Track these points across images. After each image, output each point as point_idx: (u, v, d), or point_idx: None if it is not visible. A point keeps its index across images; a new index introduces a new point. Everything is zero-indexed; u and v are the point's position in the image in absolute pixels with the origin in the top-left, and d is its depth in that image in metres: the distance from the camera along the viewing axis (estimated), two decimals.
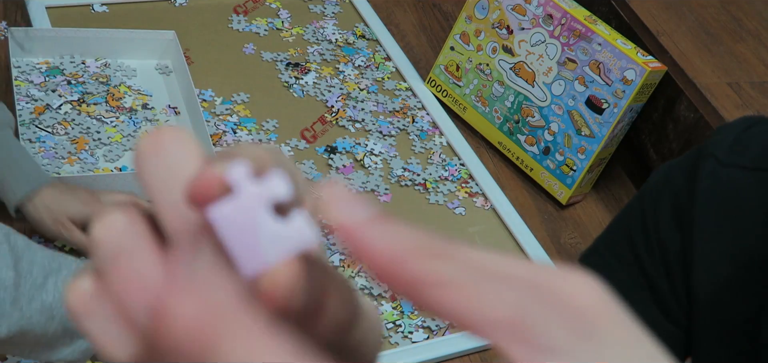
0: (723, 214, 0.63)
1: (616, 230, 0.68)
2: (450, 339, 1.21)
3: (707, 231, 0.63)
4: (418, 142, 1.51)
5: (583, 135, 1.44)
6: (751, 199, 0.62)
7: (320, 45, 1.66)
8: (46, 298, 0.90)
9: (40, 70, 1.44)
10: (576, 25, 1.44)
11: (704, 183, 0.63)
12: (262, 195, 0.24)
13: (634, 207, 0.67)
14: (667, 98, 1.48)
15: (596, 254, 0.68)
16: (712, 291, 0.62)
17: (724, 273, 0.62)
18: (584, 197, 1.51)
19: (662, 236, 0.64)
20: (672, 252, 0.63)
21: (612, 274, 0.65)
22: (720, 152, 0.64)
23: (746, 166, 0.63)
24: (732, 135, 0.65)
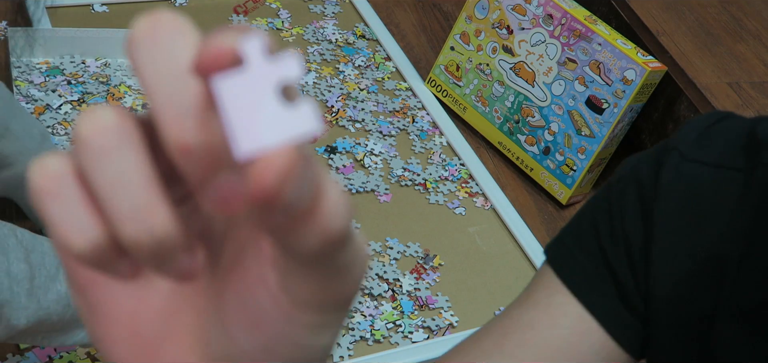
0: (683, 209, 0.62)
1: (582, 220, 0.68)
2: (450, 339, 1.21)
3: (667, 226, 0.63)
4: (418, 142, 1.51)
5: (583, 135, 1.45)
6: (712, 196, 0.61)
7: (320, 45, 1.66)
8: (61, 288, 0.92)
9: (40, 70, 1.45)
10: (576, 25, 1.44)
11: (666, 176, 0.63)
12: (273, 73, 0.23)
13: (600, 198, 0.67)
14: (667, 98, 1.48)
15: (562, 245, 0.67)
16: (669, 286, 0.62)
17: (682, 269, 0.62)
18: (584, 197, 1.51)
19: (627, 228, 0.64)
20: (636, 245, 0.63)
21: (577, 266, 0.65)
22: (684, 146, 0.64)
23: (709, 162, 0.62)
24: (698, 129, 0.64)
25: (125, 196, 0.25)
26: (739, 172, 0.61)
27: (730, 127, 0.64)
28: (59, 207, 0.25)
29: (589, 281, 0.64)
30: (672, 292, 0.62)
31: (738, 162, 0.61)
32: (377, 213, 1.37)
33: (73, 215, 0.25)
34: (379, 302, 1.24)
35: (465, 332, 1.23)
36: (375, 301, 1.24)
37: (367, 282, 1.26)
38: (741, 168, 0.61)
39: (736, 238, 0.60)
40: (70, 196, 0.25)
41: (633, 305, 0.63)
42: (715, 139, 0.64)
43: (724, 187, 0.61)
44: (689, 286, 0.61)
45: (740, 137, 0.62)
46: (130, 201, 0.25)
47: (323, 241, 0.25)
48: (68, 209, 0.25)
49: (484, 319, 1.25)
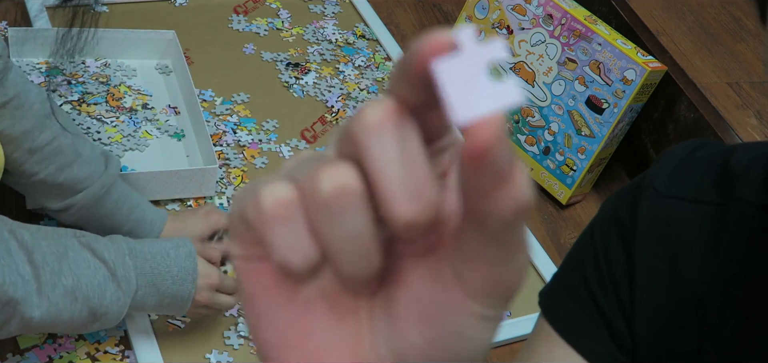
0: (661, 249, 0.62)
1: (570, 268, 0.67)
2: None
3: (646, 267, 0.62)
4: None
5: (583, 135, 1.44)
6: (690, 232, 0.61)
7: (320, 45, 1.66)
8: (67, 282, 0.94)
9: (40, 70, 1.44)
10: (576, 25, 1.44)
11: (643, 216, 0.62)
12: (484, 54, 0.27)
13: (585, 243, 0.66)
14: (667, 98, 1.48)
15: (554, 296, 0.67)
16: (653, 328, 0.62)
17: (663, 311, 0.61)
18: (584, 197, 1.51)
19: (614, 274, 0.63)
20: (623, 289, 0.63)
21: (572, 318, 0.65)
22: (659, 182, 0.63)
23: (684, 196, 0.62)
24: (673, 163, 0.64)
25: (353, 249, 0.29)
26: (713, 206, 0.60)
27: (705, 156, 0.64)
28: (285, 230, 0.29)
29: (585, 331, 0.65)
30: (656, 334, 0.62)
31: (711, 196, 0.61)
32: None
33: (296, 239, 0.29)
34: None
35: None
36: None
37: None
38: (715, 202, 0.61)
39: (713, 278, 0.59)
40: (296, 222, 0.29)
41: (627, 348, 0.64)
42: (690, 172, 0.63)
43: (699, 222, 0.61)
44: (672, 327, 0.61)
45: (714, 168, 0.62)
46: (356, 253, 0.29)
47: (515, 206, 0.27)
48: (293, 233, 0.29)
49: None
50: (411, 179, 0.28)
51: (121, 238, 1.01)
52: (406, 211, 0.28)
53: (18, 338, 1.09)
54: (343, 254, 0.29)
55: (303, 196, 0.29)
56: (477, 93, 0.27)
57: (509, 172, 0.27)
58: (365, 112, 0.28)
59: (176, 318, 1.15)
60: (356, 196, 0.28)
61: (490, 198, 0.27)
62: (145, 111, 1.42)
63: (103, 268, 0.97)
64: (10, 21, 1.54)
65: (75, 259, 0.95)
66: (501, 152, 0.27)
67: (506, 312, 0.32)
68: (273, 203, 0.29)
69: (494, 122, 0.26)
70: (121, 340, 1.11)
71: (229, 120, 1.46)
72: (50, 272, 0.93)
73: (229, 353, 1.13)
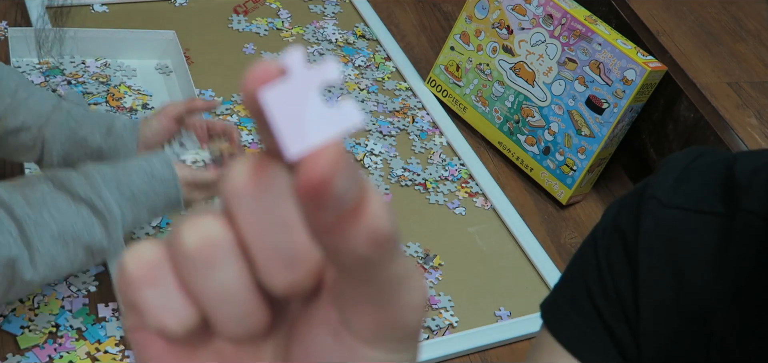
0: (665, 261, 0.61)
1: (572, 279, 0.67)
2: (450, 339, 1.21)
3: (651, 279, 0.61)
4: (418, 142, 1.51)
5: (583, 135, 1.44)
6: (695, 243, 0.60)
7: (320, 45, 1.66)
8: (52, 229, 0.95)
9: (40, 70, 1.44)
10: (576, 25, 1.44)
11: (646, 226, 0.62)
12: (314, 77, 0.25)
13: (587, 253, 0.66)
14: (667, 98, 1.48)
15: (557, 308, 0.67)
16: (659, 344, 0.61)
17: (669, 325, 0.61)
18: (584, 197, 1.51)
19: (618, 286, 0.63)
20: (628, 301, 0.63)
21: (576, 330, 0.65)
22: (661, 192, 0.62)
23: (687, 206, 0.61)
24: (674, 172, 0.63)
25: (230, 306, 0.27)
26: (717, 217, 0.60)
27: (707, 165, 0.63)
28: (154, 293, 0.27)
29: (588, 342, 0.64)
30: (662, 348, 0.61)
31: (716, 206, 0.60)
32: None
33: (167, 300, 0.27)
34: None
35: (465, 332, 1.23)
36: None
37: None
38: (719, 212, 0.60)
39: (720, 291, 0.59)
40: (164, 283, 0.27)
41: (632, 359, 0.63)
42: (692, 180, 0.62)
43: (703, 233, 0.60)
44: (678, 341, 0.61)
45: (717, 177, 0.61)
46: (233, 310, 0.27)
47: (371, 241, 0.25)
48: (163, 295, 0.27)
49: (483, 320, 1.25)
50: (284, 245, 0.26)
51: (94, 169, 1.00)
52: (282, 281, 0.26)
53: (18, 338, 1.09)
54: (219, 312, 0.27)
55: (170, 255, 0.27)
56: (310, 120, 0.24)
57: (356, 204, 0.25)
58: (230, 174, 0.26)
59: None
60: (224, 248, 0.27)
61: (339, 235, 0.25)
62: (145, 111, 1.42)
63: (84, 206, 0.97)
64: (10, 21, 1.54)
65: (54, 204, 0.95)
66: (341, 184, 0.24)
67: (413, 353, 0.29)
68: (136, 265, 0.27)
69: (329, 151, 0.24)
70: (121, 340, 1.11)
71: (229, 120, 1.46)
72: (34, 224, 0.93)
73: None
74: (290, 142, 0.24)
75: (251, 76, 0.25)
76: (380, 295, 0.27)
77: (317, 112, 0.25)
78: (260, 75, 0.25)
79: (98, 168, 1.01)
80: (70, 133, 1.11)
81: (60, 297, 1.14)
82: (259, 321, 0.28)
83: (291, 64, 0.25)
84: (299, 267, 0.27)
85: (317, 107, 0.25)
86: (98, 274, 1.18)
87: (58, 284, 1.15)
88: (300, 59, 0.25)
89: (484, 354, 1.21)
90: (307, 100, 0.25)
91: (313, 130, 0.24)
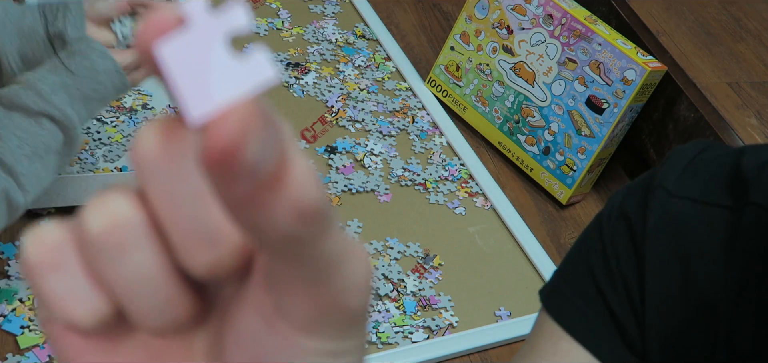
0: (672, 251, 0.61)
1: (576, 264, 0.66)
2: (450, 339, 1.21)
3: (657, 270, 0.61)
4: (418, 142, 1.51)
5: (583, 135, 1.45)
6: (700, 235, 0.60)
7: (320, 45, 1.66)
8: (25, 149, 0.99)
9: None
10: (576, 25, 1.44)
11: (653, 217, 0.61)
12: (218, 26, 0.21)
13: (592, 238, 0.65)
14: (667, 98, 1.48)
15: (559, 293, 0.66)
16: (664, 335, 0.61)
17: (675, 316, 0.61)
18: (584, 197, 1.51)
19: (624, 272, 0.62)
20: (634, 289, 0.62)
21: (579, 314, 0.64)
22: (669, 182, 0.62)
23: (695, 198, 0.61)
24: (683, 162, 0.63)
25: (145, 294, 0.24)
26: (725, 210, 0.60)
27: (713, 158, 0.63)
28: (59, 281, 0.24)
29: (591, 326, 0.64)
30: (667, 339, 0.61)
31: (723, 199, 0.60)
32: (377, 213, 1.37)
33: (75, 289, 0.24)
34: (383, 303, 1.24)
35: (464, 332, 1.23)
36: (381, 302, 1.24)
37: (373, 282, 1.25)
38: (727, 205, 0.60)
39: (727, 284, 0.59)
40: (71, 269, 0.24)
41: (636, 347, 0.63)
42: (699, 172, 0.62)
43: (711, 225, 0.60)
44: (683, 333, 0.61)
45: (724, 170, 0.61)
46: (150, 298, 0.24)
47: (296, 215, 0.21)
48: (70, 283, 0.24)
49: (483, 320, 1.25)
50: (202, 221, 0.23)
51: (39, 80, 1.03)
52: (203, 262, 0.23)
53: (18, 338, 1.09)
54: (134, 302, 0.24)
55: (75, 238, 0.24)
56: (214, 78, 0.21)
57: (275, 172, 0.21)
58: (138, 140, 0.23)
59: None
60: (135, 230, 0.23)
61: (257, 210, 0.21)
62: (145, 111, 1.42)
63: (43, 118, 1.01)
64: None
65: (15, 125, 0.99)
66: (254, 150, 0.20)
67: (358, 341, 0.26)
68: (38, 250, 0.24)
69: (237, 113, 0.20)
70: None
71: None
72: (8, 152, 0.97)
73: None
74: (192, 103, 0.20)
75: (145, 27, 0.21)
76: (314, 275, 0.23)
77: (223, 66, 0.21)
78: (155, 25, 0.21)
79: (42, 77, 1.04)
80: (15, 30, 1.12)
81: None
82: (181, 310, 0.24)
83: (191, 11, 0.21)
84: (221, 245, 0.23)
85: (223, 61, 0.21)
86: None
87: None
88: (201, 5, 0.21)
89: (484, 354, 1.21)
90: (211, 53, 0.21)
91: (219, 88, 0.21)
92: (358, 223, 1.34)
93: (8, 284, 1.14)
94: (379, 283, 1.26)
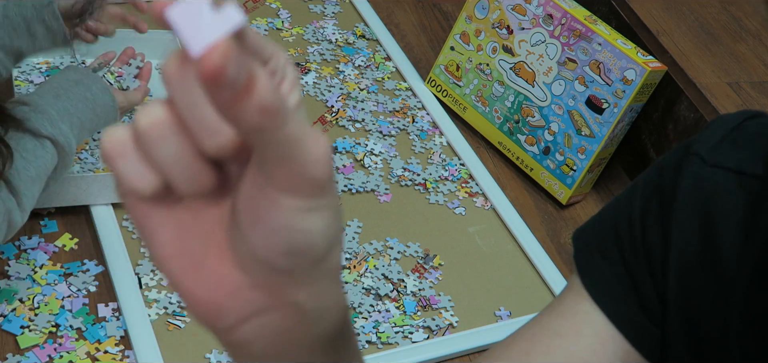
0: (700, 219, 0.60)
1: (605, 221, 0.66)
2: (450, 339, 1.21)
3: (683, 235, 0.60)
4: (418, 142, 1.51)
5: (583, 135, 1.45)
6: (729, 204, 0.59)
7: (320, 45, 1.66)
8: (30, 171, 1.02)
9: (40, 70, 1.44)
10: (576, 25, 1.44)
11: (686, 182, 0.61)
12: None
13: (623, 202, 0.65)
14: (667, 98, 1.48)
15: (586, 250, 0.66)
16: (681, 304, 0.61)
17: (693, 285, 0.61)
18: (584, 197, 1.51)
19: (648, 238, 0.62)
20: (656, 254, 0.62)
21: (599, 273, 0.64)
22: (705, 150, 0.61)
23: (730, 167, 0.60)
24: (722, 131, 0.62)
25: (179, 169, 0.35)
26: (756, 180, 0.59)
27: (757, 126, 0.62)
28: (125, 164, 0.35)
29: (611, 289, 0.64)
30: (686, 304, 0.61)
31: (758, 168, 0.59)
32: (377, 213, 1.37)
33: (135, 168, 0.35)
34: (383, 303, 1.24)
35: (464, 332, 1.23)
36: (381, 303, 1.24)
37: (373, 282, 1.26)
38: (760, 175, 0.59)
39: (745, 256, 0.58)
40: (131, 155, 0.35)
41: (654, 314, 0.62)
42: (740, 141, 0.61)
43: (738, 194, 0.59)
44: (702, 299, 0.60)
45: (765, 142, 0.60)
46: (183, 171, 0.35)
47: (260, 110, 0.32)
48: (132, 164, 0.35)
49: (483, 320, 1.25)
50: (206, 117, 0.34)
51: (46, 103, 1.07)
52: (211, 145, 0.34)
53: (18, 338, 1.09)
54: (172, 174, 0.35)
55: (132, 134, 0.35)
56: (203, 26, 0.32)
57: (246, 85, 0.32)
58: (166, 64, 0.33)
59: (176, 318, 1.15)
60: (167, 125, 0.34)
61: (236, 109, 0.32)
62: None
63: (47, 142, 1.05)
64: None
65: (24, 146, 1.03)
66: (232, 70, 0.31)
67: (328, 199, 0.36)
68: (110, 143, 0.35)
69: (220, 47, 0.31)
70: (121, 339, 1.11)
71: None
72: (16, 171, 1.01)
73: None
74: (192, 44, 0.32)
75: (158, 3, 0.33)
76: (282, 152, 0.34)
77: (208, 19, 0.32)
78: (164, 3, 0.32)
79: (49, 102, 1.08)
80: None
81: (60, 297, 1.14)
82: (205, 179, 0.36)
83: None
84: (220, 134, 0.34)
85: (208, 15, 0.32)
86: (98, 274, 1.18)
87: (58, 284, 1.15)
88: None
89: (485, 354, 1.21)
90: (201, 10, 0.32)
91: (207, 32, 0.32)
92: (358, 223, 1.34)
93: (8, 284, 1.14)
94: (379, 283, 1.26)
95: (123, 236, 1.22)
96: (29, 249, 1.18)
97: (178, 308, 1.16)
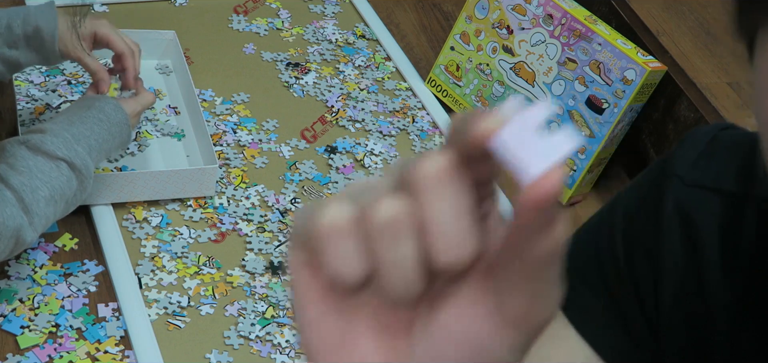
0: (686, 244, 0.60)
1: (583, 249, 0.65)
2: None
3: (673, 259, 0.60)
4: (418, 142, 1.51)
5: (583, 135, 1.45)
6: (711, 225, 0.59)
7: (320, 45, 1.66)
8: (44, 191, 1.02)
9: (40, 70, 1.45)
10: (576, 25, 1.44)
11: (668, 206, 0.60)
12: (533, 117, 0.31)
13: (603, 227, 0.64)
14: (667, 98, 1.48)
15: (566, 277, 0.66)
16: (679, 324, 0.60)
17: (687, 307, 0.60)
18: (584, 197, 1.52)
19: (636, 267, 0.61)
20: (644, 284, 0.61)
21: (584, 305, 0.63)
22: (683, 169, 0.61)
23: (708, 186, 0.60)
24: (698, 146, 0.62)
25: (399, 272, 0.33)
26: (735, 198, 0.59)
27: (731, 139, 0.62)
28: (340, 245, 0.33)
29: (595, 319, 0.63)
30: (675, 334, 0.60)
31: (735, 186, 0.59)
32: None
33: (348, 254, 0.33)
34: None
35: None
36: None
37: None
38: (737, 194, 0.59)
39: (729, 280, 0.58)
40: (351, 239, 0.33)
41: (642, 342, 0.62)
42: (716, 156, 0.61)
43: (719, 214, 0.59)
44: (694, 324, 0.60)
45: (739, 154, 0.60)
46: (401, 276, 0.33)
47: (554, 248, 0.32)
48: (346, 249, 0.33)
49: None
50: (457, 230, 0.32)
51: (61, 128, 1.08)
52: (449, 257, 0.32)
53: (18, 338, 1.09)
54: (390, 275, 0.33)
55: (361, 219, 0.33)
56: (536, 151, 0.31)
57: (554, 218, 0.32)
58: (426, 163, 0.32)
59: (176, 318, 1.15)
60: (408, 225, 0.32)
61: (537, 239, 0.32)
62: (145, 111, 1.42)
63: (63, 164, 1.05)
64: None
65: (38, 168, 1.03)
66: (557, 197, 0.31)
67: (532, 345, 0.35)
68: (333, 219, 0.33)
69: (556, 174, 0.31)
70: (121, 340, 1.11)
71: (229, 120, 1.46)
72: (30, 191, 1.01)
73: (229, 353, 1.13)
74: (525, 172, 0.31)
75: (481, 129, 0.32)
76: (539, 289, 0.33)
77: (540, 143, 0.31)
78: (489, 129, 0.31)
79: (64, 127, 1.08)
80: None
81: (60, 297, 1.14)
82: (418, 287, 0.33)
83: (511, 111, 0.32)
84: (465, 248, 0.33)
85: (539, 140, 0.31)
86: (98, 274, 1.18)
87: (58, 284, 1.15)
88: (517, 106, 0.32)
89: None
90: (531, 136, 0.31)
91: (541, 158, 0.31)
92: None
93: (8, 284, 1.14)
94: None
95: (123, 236, 1.22)
96: (29, 249, 1.18)
97: (178, 308, 1.16)
